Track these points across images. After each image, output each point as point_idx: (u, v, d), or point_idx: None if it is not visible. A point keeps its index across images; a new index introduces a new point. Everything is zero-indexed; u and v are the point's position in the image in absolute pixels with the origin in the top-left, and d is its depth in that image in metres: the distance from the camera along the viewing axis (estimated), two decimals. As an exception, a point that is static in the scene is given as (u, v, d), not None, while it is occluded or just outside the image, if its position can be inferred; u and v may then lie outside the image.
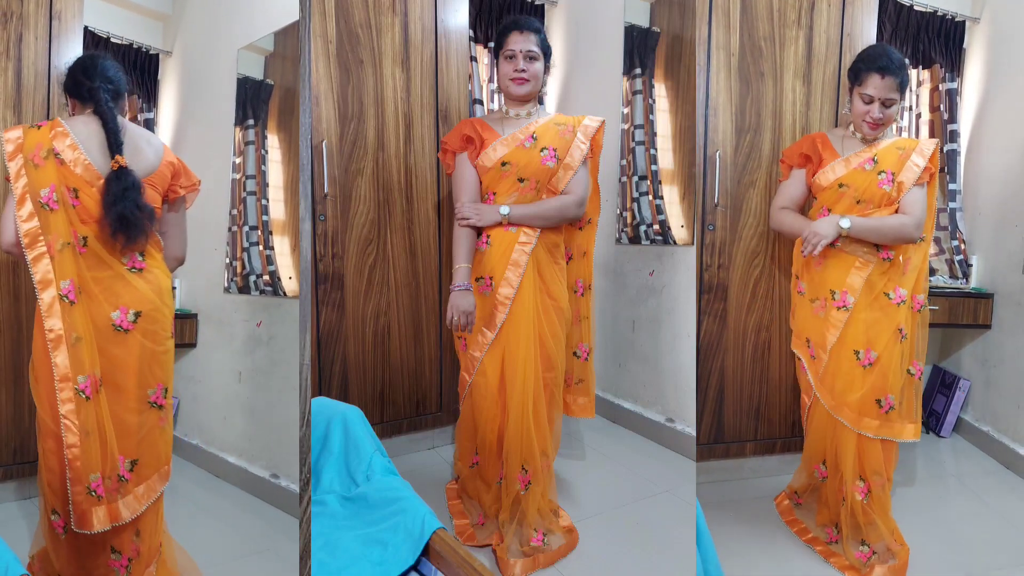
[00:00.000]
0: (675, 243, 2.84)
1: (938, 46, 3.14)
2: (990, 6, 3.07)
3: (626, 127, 2.95)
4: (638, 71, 2.91)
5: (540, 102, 2.32)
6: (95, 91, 1.82)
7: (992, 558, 2.26)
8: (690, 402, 2.74)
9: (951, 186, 3.13)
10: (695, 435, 2.64)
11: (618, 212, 3.05)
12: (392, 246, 2.76)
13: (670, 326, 2.85)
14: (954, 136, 3.14)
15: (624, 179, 3.00)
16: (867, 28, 2.63)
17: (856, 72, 2.23)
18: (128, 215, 1.75)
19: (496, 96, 3.09)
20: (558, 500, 2.33)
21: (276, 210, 2.61)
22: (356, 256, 2.68)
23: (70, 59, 1.94)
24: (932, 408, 3.24)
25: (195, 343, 2.74)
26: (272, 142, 2.60)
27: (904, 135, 3.13)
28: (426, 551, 1.76)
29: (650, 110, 2.89)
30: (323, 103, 2.57)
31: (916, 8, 3.08)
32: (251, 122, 2.62)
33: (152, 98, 2.78)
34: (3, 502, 2.37)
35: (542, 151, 2.19)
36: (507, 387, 2.17)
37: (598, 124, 2.25)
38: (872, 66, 2.18)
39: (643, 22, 2.92)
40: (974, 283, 3.07)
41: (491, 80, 3.17)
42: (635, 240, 2.99)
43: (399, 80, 2.72)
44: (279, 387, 2.46)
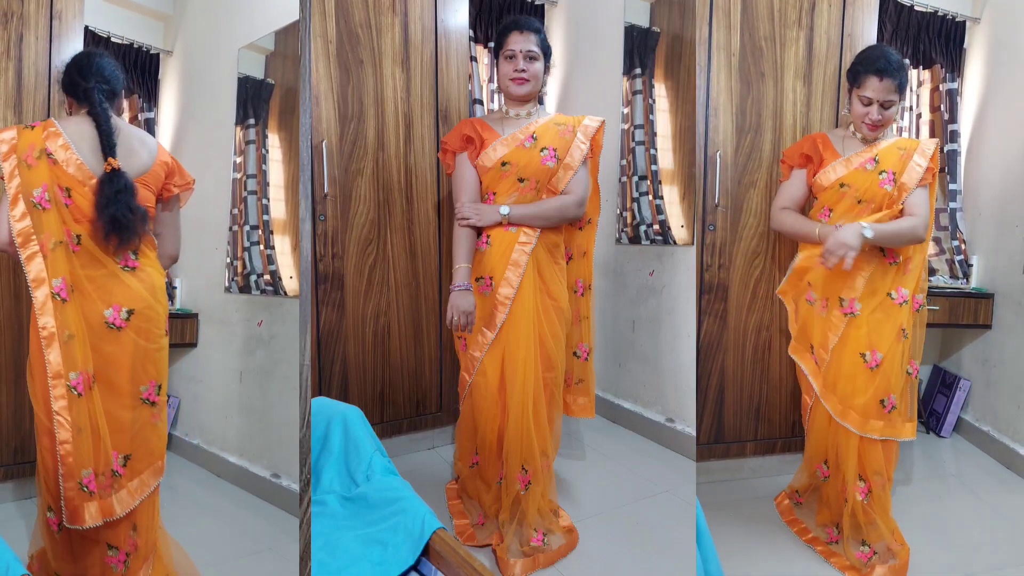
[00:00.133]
0: (675, 243, 2.84)
1: (938, 46, 3.14)
2: (990, 6, 3.07)
3: (626, 127, 2.95)
4: (638, 71, 2.91)
5: (540, 102, 2.32)
6: (90, 92, 1.84)
7: (992, 558, 2.26)
8: (690, 402, 2.74)
9: (951, 186, 3.13)
10: (695, 435, 2.64)
11: (618, 212, 3.05)
12: (392, 246, 2.76)
13: (670, 326, 2.85)
14: (954, 136, 3.14)
15: (624, 179, 3.00)
16: (867, 28, 2.63)
17: (855, 74, 2.22)
18: (120, 218, 1.77)
19: (496, 96, 3.09)
20: (558, 500, 2.33)
21: (277, 209, 2.61)
22: (356, 256, 2.68)
23: (68, 56, 1.95)
24: (932, 408, 3.23)
25: (196, 343, 2.74)
26: (273, 141, 2.60)
27: (904, 135, 3.13)
28: (426, 551, 1.76)
29: (650, 110, 2.89)
30: (323, 103, 2.57)
31: (916, 8, 3.08)
32: (252, 121, 2.62)
33: (153, 98, 2.78)
34: (2, 502, 2.37)
35: (542, 151, 2.19)
36: (507, 387, 2.17)
37: (598, 124, 2.25)
38: (870, 68, 2.18)
39: (643, 22, 2.91)
40: (974, 283, 3.07)
41: (491, 80, 3.17)
42: (635, 240, 2.99)
43: (399, 80, 2.72)
44: (280, 387, 2.46)
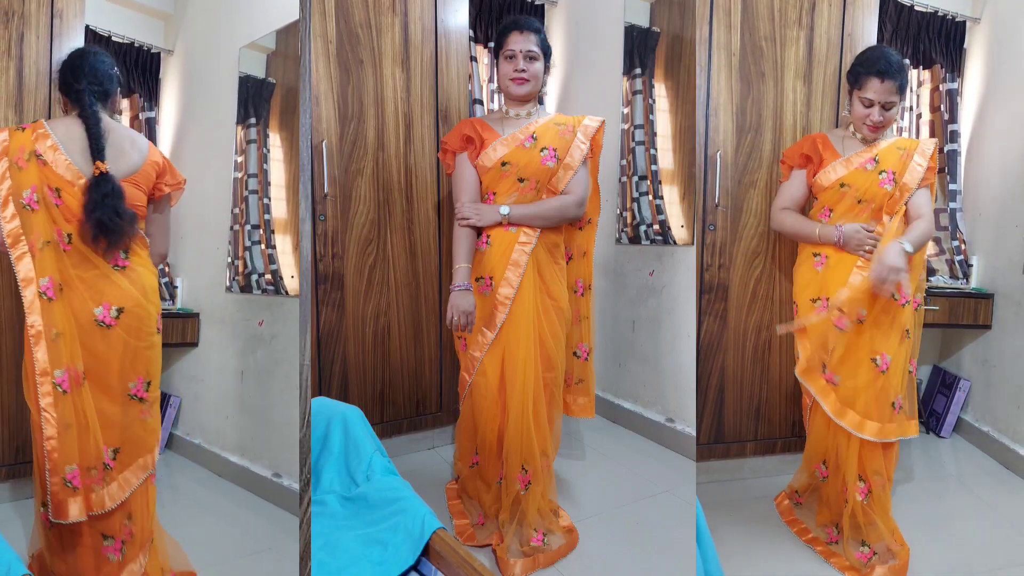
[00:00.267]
0: (675, 243, 2.84)
1: (939, 46, 3.13)
2: (990, 6, 3.07)
3: (626, 127, 2.95)
4: (638, 71, 2.91)
5: (540, 102, 2.32)
6: (81, 94, 1.86)
7: (992, 558, 2.26)
8: (690, 402, 2.74)
9: (951, 186, 3.13)
10: (695, 435, 2.64)
11: (618, 212, 3.05)
12: (392, 246, 2.76)
13: (670, 326, 2.85)
14: (954, 136, 3.14)
15: (624, 179, 3.00)
16: (868, 28, 2.63)
17: (855, 75, 2.22)
18: (107, 221, 1.79)
19: (496, 96, 3.09)
20: (558, 500, 2.33)
21: (278, 209, 2.61)
22: (356, 256, 2.68)
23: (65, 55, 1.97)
24: (932, 408, 3.23)
25: (197, 342, 2.74)
26: (274, 141, 2.60)
27: (904, 135, 3.13)
28: (426, 551, 1.76)
29: (650, 110, 2.89)
30: (323, 103, 2.57)
31: (917, 8, 3.08)
32: (253, 121, 2.62)
33: (154, 97, 2.78)
34: (1, 502, 2.37)
35: (542, 151, 2.19)
36: (507, 387, 2.17)
37: (598, 124, 2.25)
38: (871, 70, 2.18)
39: (643, 22, 2.91)
40: (974, 283, 3.07)
41: (491, 80, 3.17)
42: (635, 240, 2.99)
43: (399, 80, 2.72)
44: (281, 386, 2.46)
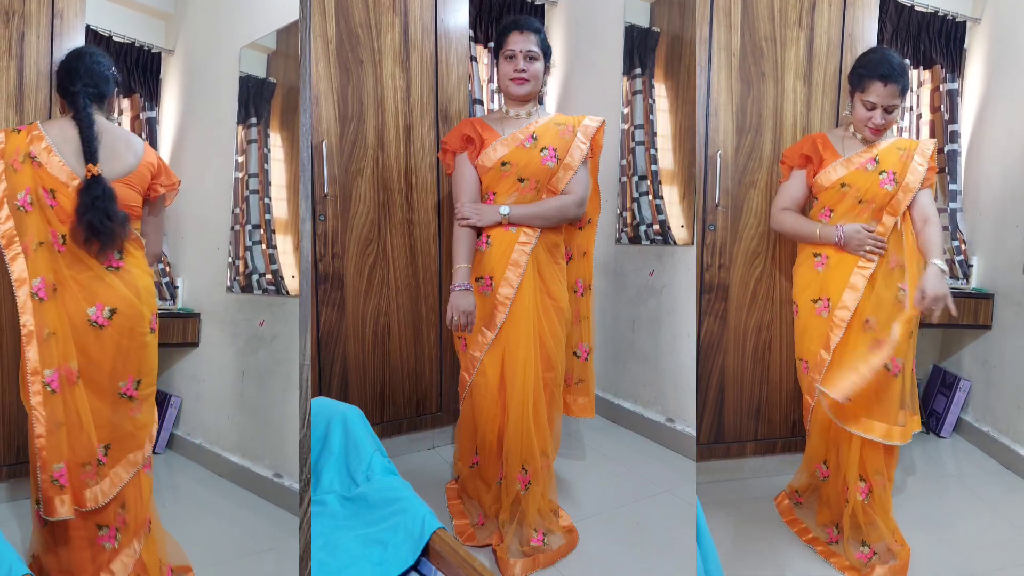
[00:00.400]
0: (675, 243, 2.84)
1: (939, 46, 3.13)
2: (991, 6, 3.07)
3: (626, 127, 2.95)
4: (638, 71, 2.91)
5: (540, 102, 2.33)
6: (76, 96, 1.88)
7: (992, 558, 2.26)
8: (690, 402, 2.74)
9: (952, 186, 3.12)
10: (695, 435, 2.64)
11: (618, 212, 3.05)
12: (392, 246, 2.76)
13: (670, 326, 2.85)
14: (955, 136, 3.14)
15: (624, 179, 3.00)
16: (868, 28, 2.63)
17: (858, 78, 2.22)
18: (97, 224, 1.81)
19: (496, 96, 3.09)
20: (558, 500, 2.33)
21: (279, 209, 2.61)
22: (356, 256, 2.68)
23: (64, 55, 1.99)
24: (932, 408, 3.23)
25: (198, 342, 2.74)
26: (275, 140, 2.60)
27: (904, 135, 3.13)
28: (426, 551, 1.76)
29: (650, 110, 2.89)
30: (323, 103, 2.57)
31: (917, 8, 3.08)
32: (253, 120, 2.62)
33: (154, 97, 2.78)
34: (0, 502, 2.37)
35: (542, 151, 2.19)
36: (507, 387, 2.17)
37: (598, 124, 2.25)
38: (874, 73, 2.17)
39: (643, 22, 2.91)
40: (974, 283, 3.06)
41: (491, 80, 3.17)
42: (635, 240, 2.99)
43: (399, 80, 2.72)
44: (282, 386, 2.46)
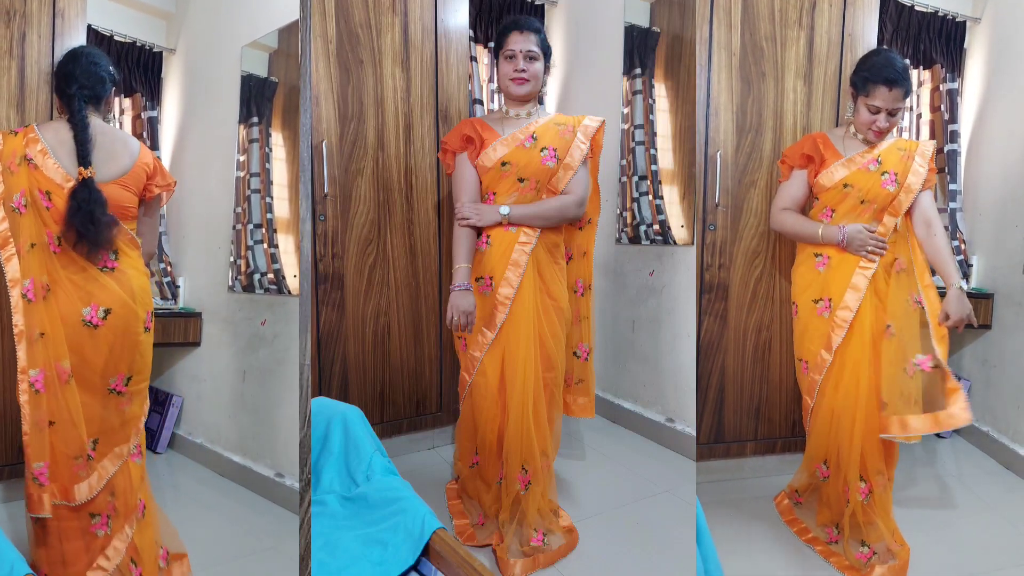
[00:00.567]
0: (675, 243, 2.84)
1: (939, 46, 3.13)
2: (991, 6, 3.07)
3: (626, 127, 2.95)
4: (638, 71, 2.91)
5: (540, 102, 2.33)
6: (71, 99, 1.90)
7: (992, 558, 2.26)
8: (690, 402, 2.74)
9: (951, 186, 3.12)
10: (695, 435, 2.64)
11: (618, 212, 3.05)
12: (392, 246, 2.76)
13: (670, 326, 2.85)
14: (955, 136, 3.14)
15: (624, 179, 3.00)
16: (868, 28, 2.63)
17: (862, 82, 2.21)
18: (84, 230, 1.83)
19: (496, 96, 3.09)
20: (558, 500, 2.33)
21: (280, 208, 2.61)
22: (356, 256, 2.69)
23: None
24: (932, 408, 3.23)
25: (199, 342, 2.74)
26: (276, 140, 2.60)
27: (904, 135, 3.13)
28: (426, 551, 1.76)
29: (650, 110, 2.89)
30: (323, 103, 2.57)
31: (917, 8, 3.08)
32: (255, 120, 2.62)
33: (156, 96, 2.78)
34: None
35: (542, 151, 2.19)
36: (507, 387, 2.17)
37: (598, 124, 2.25)
38: (879, 77, 2.17)
39: (643, 22, 2.91)
40: (974, 283, 3.06)
41: (491, 80, 3.17)
42: (635, 240, 2.99)
43: (399, 80, 2.72)
44: (283, 386, 2.47)
